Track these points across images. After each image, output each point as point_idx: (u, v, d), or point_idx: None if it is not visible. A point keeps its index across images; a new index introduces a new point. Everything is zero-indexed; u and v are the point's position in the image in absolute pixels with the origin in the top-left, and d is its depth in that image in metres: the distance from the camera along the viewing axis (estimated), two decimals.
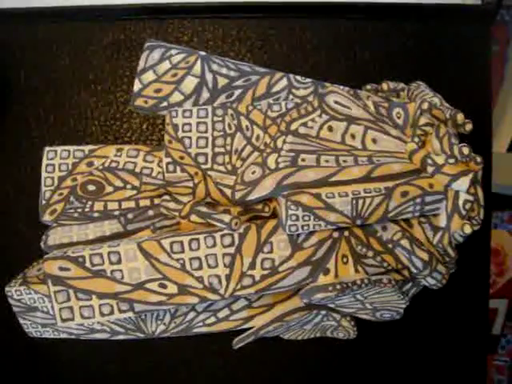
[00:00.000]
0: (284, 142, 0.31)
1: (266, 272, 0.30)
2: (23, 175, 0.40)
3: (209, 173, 0.31)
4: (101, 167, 0.34)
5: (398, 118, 0.33)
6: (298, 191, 0.29)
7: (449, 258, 0.32)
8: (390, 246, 0.31)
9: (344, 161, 0.31)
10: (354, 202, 0.29)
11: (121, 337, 0.37)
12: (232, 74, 0.34)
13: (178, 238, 0.30)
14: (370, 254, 0.31)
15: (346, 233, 0.31)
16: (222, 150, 0.32)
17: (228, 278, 0.30)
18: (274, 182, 0.29)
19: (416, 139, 0.31)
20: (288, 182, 0.29)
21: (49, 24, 0.40)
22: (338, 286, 0.29)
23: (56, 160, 0.35)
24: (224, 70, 0.34)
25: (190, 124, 0.32)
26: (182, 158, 0.31)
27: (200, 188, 0.31)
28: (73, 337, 0.37)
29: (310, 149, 0.31)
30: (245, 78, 0.34)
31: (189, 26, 0.39)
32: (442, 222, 0.31)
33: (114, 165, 0.34)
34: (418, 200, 0.30)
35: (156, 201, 0.33)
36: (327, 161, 0.30)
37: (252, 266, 0.30)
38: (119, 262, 0.30)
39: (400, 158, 0.31)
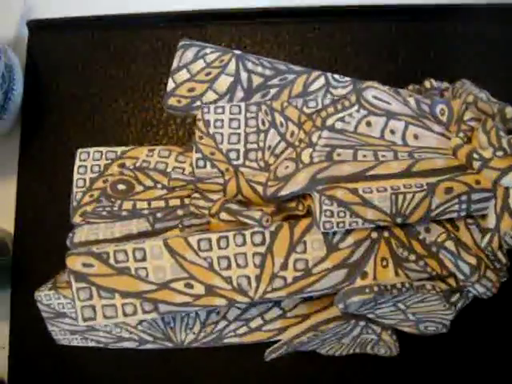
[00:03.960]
0: (319, 137, 0.29)
1: (298, 274, 0.28)
2: (58, 181, 0.40)
3: (240, 169, 0.30)
4: (132, 167, 0.33)
5: (442, 115, 0.31)
6: (333, 186, 0.27)
7: (499, 265, 0.29)
8: (433, 249, 0.29)
9: (383, 156, 0.29)
10: (394, 197, 0.27)
11: (149, 346, 0.35)
12: (267, 72, 0.33)
13: (205, 236, 0.28)
14: (412, 257, 0.29)
15: (386, 234, 0.29)
16: (255, 146, 0.31)
17: (258, 279, 0.28)
18: (308, 176, 0.28)
19: (461, 134, 0.29)
20: (322, 176, 0.28)
21: (87, 32, 0.40)
22: (376, 288, 0.27)
23: (88, 161, 0.35)
24: (259, 69, 0.33)
25: (222, 120, 0.31)
26: (212, 153, 0.30)
27: (231, 185, 0.29)
28: (101, 345, 0.36)
29: (347, 143, 0.29)
30: (280, 76, 0.33)
31: (227, 31, 0.39)
32: (490, 222, 0.28)
33: (145, 165, 0.33)
34: (464, 198, 0.28)
35: (186, 201, 0.31)
36: (365, 155, 0.29)
37: (284, 266, 0.28)
38: (144, 259, 0.28)
39: (443, 153, 0.29)
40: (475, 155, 0.28)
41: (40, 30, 0.40)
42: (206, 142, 0.30)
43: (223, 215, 0.29)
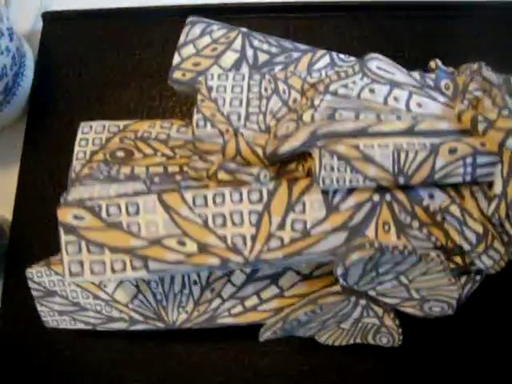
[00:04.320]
0: (322, 100, 0.29)
1: (296, 235, 0.27)
2: (61, 170, 0.40)
3: (241, 130, 0.30)
4: (133, 137, 0.33)
5: (447, 89, 0.31)
6: (334, 141, 0.27)
7: (507, 238, 0.28)
8: (438, 218, 0.28)
9: (386, 117, 0.28)
10: (396, 154, 0.26)
11: (139, 327, 0.34)
12: (273, 50, 0.33)
13: (201, 192, 0.28)
14: (416, 224, 0.28)
15: (388, 197, 0.28)
16: (257, 110, 0.30)
17: (253, 238, 0.27)
18: (308, 132, 0.27)
19: (466, 102, 0.29)
20: (323, 131, 0.27)
21: (99, 24, 0.41)
22: (377, 244, 0.25)
23: (90, 135, 0.34)
24: (265, 46, 0.33)
25: (224, 86, 0.31)
26: (213, 115, 0.30)
27: (230, 145, 0.29)
28: (89, 327, 0.34)
29: (349, 106, 0.29)
30: (286, 54, 0.33)
31: (235, 25, 0.40)
32: (497, 189, 0.27)
33: (146, 135, 0.33)
34: (469, 160, 0.27)
35: (185, 168, 0.31)
36: (367, 117, 0.28)
37: (281, 226, 0.27)
38: (137, 213, 0.27)
39: (448, 120, 0.28)
40: (480, 118, 0.27)
41: (54, 21, 0.41)
42: (207, 104, 0.30)
43: (221, 174, 0.28)
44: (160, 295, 0.33)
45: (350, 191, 0.28)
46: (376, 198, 0.28)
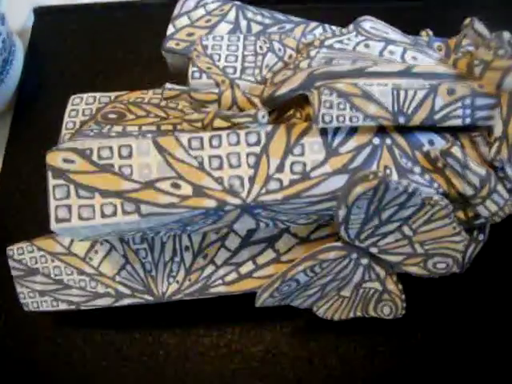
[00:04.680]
0: (318, 52, 0.29)
1: (295, 176, 0.26)
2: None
3: (237, 81, 0.29)
4: (125, 102, 0.32)
5: (440, 50, 0.31)
6: (332, 81, 0.27)
7: (510, 185, 0.27)
8: (439, 164, 0.27)
9: (382, 63, 0.28)
10: (395, 92, 0.26)
11: (126, 301, 0.31)
12: (267, 21, 0.34)
13: (197, 134, 0.27)
14: (417, 169, 0.27)
15: (388, 141, 0.27)
16: (252, 64, 0.30)
17: (252, 180, 0.26)
18: (305, 73, 0.27)
19: (460, 55, 0.29)
20: (320, 72, 0.27)
21: (90, 18, 0.42)
22: (381, 174, 0.24)
23: (81, 106, 0.34)
24: (259, 18, 0.34)
25: (220, 45, 0.31)
26: (209, 68, 0.30)
27: (226, 95, 0.28)
28: (73, 307, 0.32)
29: (346, 55, 0.29)
30: (279, 25, 0.34)
31: None
32: (497, 131, 0.27)
33: (138, 100, 0.32)
34: (467, 101, 0.27)
35: (179, 127, 0.30)
36: (364, 62, 0.28)
37: (280, 168, 0.26)
38: (130, 156, 0.26)
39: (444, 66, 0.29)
40: (476, 61, 0.27)
41: (45, 15, 0.42)
42: (202, 59, 0.30)
43: (217, 122, 0.28)
44: (149, 264, 0.31)
45: (350, 134, 0.27)
46: (376, 141, 0.27)
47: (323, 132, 0.27)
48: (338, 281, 0.29)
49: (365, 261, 0.29)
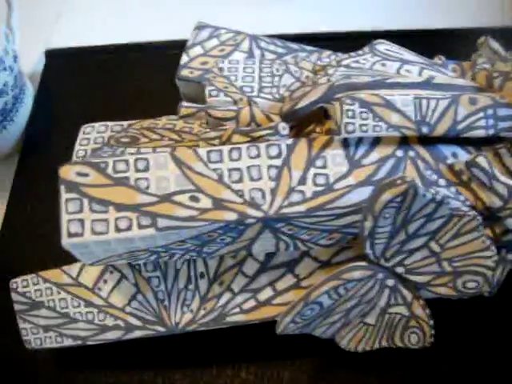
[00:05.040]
0: (336, 70, 0.29)
1: (319, 188, 0.25)
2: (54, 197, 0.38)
3: (254, 99, 0.29)
4: (138, 127, 0.32)
5: (455, 71, 0.31)
6: (353, 92, 0.26)
7: None
8: (464, 177, 0.26)
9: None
10: (417, 101, 0.26)
11: (137, 333, 0.29)
12: (280, 50, 0.34)
13: (216, 148, 0.26)
14: (442, 182, 0.26)
15: (412, 153, 0.27)
16: (270, 84, 0.30)
17: (273, 192, 0.25)
18: (326, 86, 0.27)
19: (476, 70, 0.29)
20: (341, 83, 0.27)
21: (99, 60, 0.42)
22: (409, 179, 0.23)
23: (92, 134, 0.33)
24: (272, 47, 0.34)
25: (236, 67, 0.31)
26: (226, 87, 0.29)
27: (244, 112, 0.28)
28: (79, 342, 0.30)
29: (364, 73, 0.29)
30: (293, 54, 0.34)
31: None
32: None
33: (152, 126, 0.32)
34: (490, 112, 0.26)
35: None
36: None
37: (302, 181, 0.25)
38: (146, 169, 0.25)
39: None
40: (495, 74, 0.27)
41: (55, 58, 0.42)
42: (219, 79, 0.30)
43: (236, 137, 0.27)
44: (162, 293, 0.29)
45: (372, 146, 0.26)
46: (399, 153, 0.26)
47: (345, 144, 0.26)
48: (362, 305, 0.28)
49: (391, 282, 0.27)
